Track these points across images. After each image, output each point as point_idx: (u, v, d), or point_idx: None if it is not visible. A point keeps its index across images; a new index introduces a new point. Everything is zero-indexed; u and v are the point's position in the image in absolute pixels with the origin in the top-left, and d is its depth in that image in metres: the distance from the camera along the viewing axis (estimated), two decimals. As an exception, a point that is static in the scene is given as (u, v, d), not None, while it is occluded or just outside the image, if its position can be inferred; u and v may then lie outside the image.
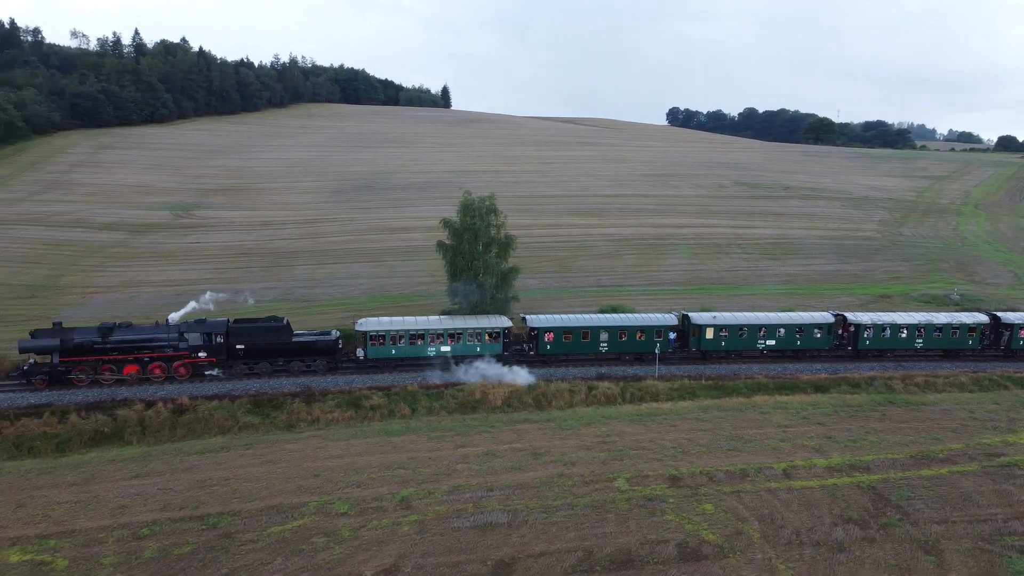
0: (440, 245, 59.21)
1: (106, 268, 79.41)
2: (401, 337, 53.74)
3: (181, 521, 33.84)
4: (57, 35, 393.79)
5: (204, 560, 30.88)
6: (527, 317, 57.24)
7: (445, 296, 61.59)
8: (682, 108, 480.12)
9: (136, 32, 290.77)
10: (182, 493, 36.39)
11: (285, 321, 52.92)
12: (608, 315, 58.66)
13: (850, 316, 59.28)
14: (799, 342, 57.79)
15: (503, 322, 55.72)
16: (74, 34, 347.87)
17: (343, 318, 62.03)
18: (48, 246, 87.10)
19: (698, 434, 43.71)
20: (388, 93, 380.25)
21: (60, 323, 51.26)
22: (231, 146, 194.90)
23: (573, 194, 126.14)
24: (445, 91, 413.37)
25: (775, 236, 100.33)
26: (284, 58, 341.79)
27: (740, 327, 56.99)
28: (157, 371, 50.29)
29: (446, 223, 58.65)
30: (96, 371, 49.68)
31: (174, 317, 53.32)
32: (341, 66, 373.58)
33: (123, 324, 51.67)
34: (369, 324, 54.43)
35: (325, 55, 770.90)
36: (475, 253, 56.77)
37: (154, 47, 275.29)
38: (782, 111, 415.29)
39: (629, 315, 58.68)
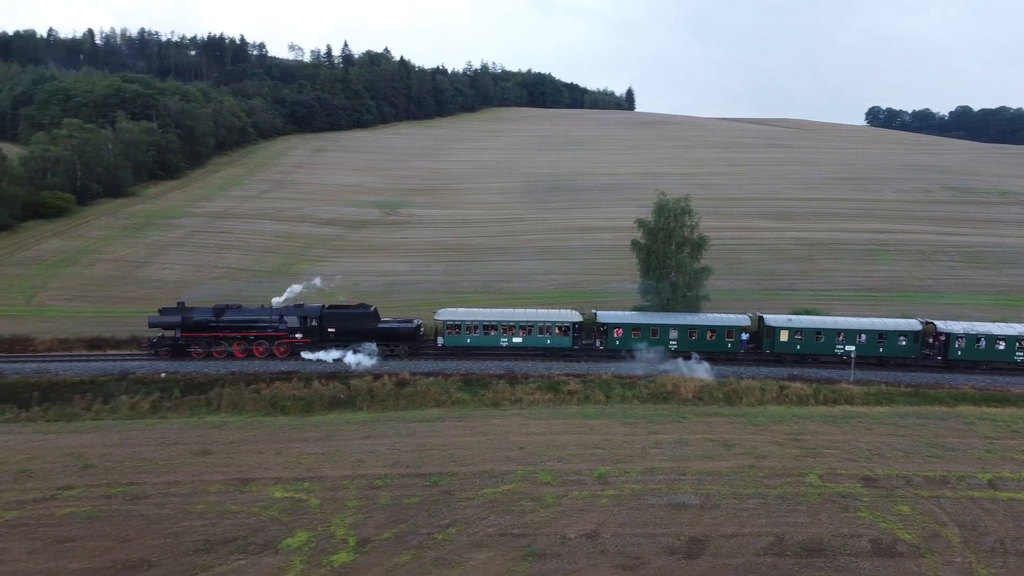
0: (634, 244, 61.74)
1: (328, 258, 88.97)
2: (476, 327, 56.18)
3: (408, 477, 38.87)
4: (277, 49, 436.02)
5: (429, 511, 35.50)
6: (597, 313, 58.37)
7: (635, 293, 64.04)
8: (883, 107, 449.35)
9: (345, 44, 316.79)
10: (407, 454, 41.57)
11: (372, 308, 56.71)
12: (679, 313, 58.40)
13: (940, 324, 56.64)
14: (882, 349, 55.78)
15: (573, 316, 57.23)
16: (291, 47, 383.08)
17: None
18: (279, 238, 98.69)
19: (895, 439, 43.35)
20: (573, 96, 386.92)
21: (183, 303, 58.26)
22: (428, 149, 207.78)
23: (762, 197, 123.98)
24: (629, 93, 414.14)
25: (987, 244, 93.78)
26: (476, 65, 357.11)
27: (817, 331, 55.77)
28: (260, 351, 55.91)
29: (640, 223, 61.09)
30: (210, 346, 55.81)
31: (277, 301, 58.86)
32: (528, 71, 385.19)
33: (234, 306, 57.59)
34: (447, 314, 57.11)
35: (513, 60, 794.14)
36: (668, 252, 58.79)
37: (360, 57, 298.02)
38: (1002, 109, 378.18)
39: (701, 314, 58.44)
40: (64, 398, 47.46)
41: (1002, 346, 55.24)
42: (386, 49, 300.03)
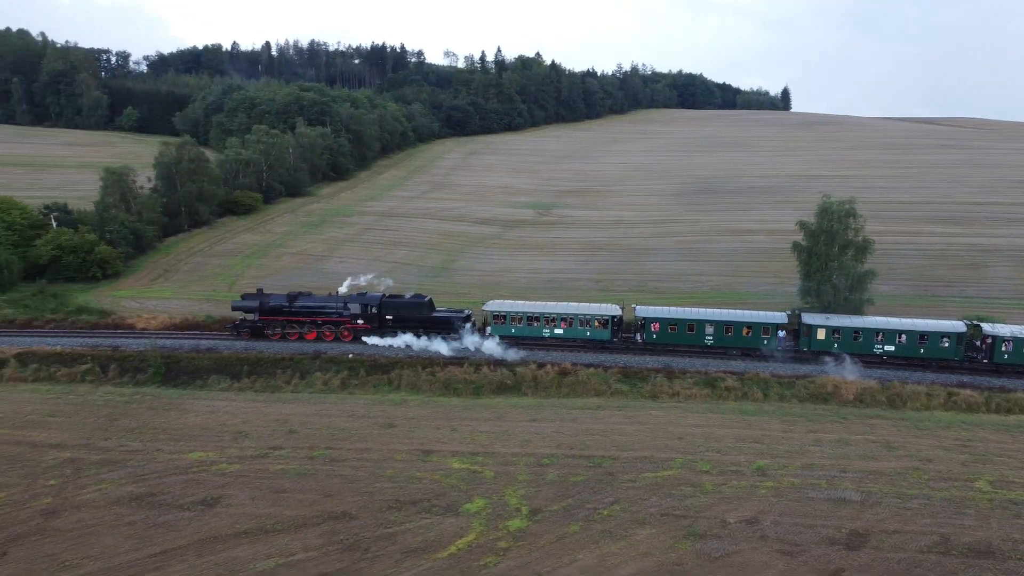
0: (795, 246, 61.67)
1: (487, 256, 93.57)
2: (520, 318, 58.52)
3: (572, 458, 41.73)
4: (434, 55, 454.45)
5: (594, 488, 38.17)
6: (636, 307, 59.71)
7: (795, 296, 63.89)
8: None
9: (498, 50, 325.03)
10: (571, 437, 44.46)
11: (428, 299, 60.24)
12: (715, 310, 59.13)
13: (987, 327, 55.10)
14: (922, 350, 54.64)
15: (613, 310, 58.68)
16: (447, 54, 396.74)
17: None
18: (441, 236, 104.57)
19: (1076, 451, 41.71)
20: (725, 97, 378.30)
21: (262, 289, 63.61)
22: (578, 151, 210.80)
23: (931, 200, 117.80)
24: (785, 93, 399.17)
25: None
26: (626, 67, 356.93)
27: (855, 330, 55.24)
28: (328, 335, 60.35)
29: (802, 225, 60.98)
30: (284, 329, 60.79)
31: (342, 290, 63.93)
32: (679, 72, 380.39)
33: (305, 293, 62.81)
34: (493, 305, 59.69)
35: (663, 61, 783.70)
36: (830, 255, 58.45)
37: (512, 62, 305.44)
38: None
39: (737, 311, 59.02)
40: (268, 372, 53.86)
41: None
42: (537, 53, 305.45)
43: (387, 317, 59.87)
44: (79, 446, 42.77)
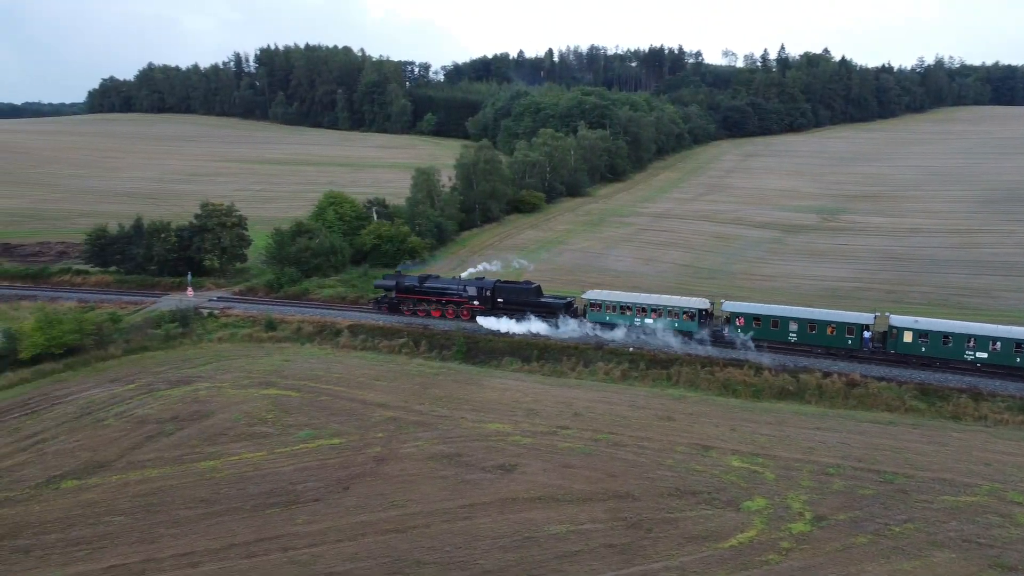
0: None
1: (766, 261, 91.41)
2: (614, 307, 62.31)
3: (860, 471, 40.34)
4: (712, 56, 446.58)
5: (884, 504, 36.74)
6: (724, 302, 61.27)
7: None
8: None
9: (782, 47, 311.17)
10: (858, 449, 42.91)
11: (536, 285, 66.29)
12: (801, 308, 59.93)
13: None
14: (1019, 359, 51.06)
15: (701, 303, 60.70)
16: (725, 53, 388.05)
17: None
18: (717, 239, 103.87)
19: None
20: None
21: (400, 271, 70.76)
22: (867, 153, 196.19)
23: None
24: None
25: None
26: (928, 60, 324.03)
27: (944, 334, 52.96)
28: (450, 313, 67.14)
29: None
30: (415, 306, 68.04)
31: (463, 275, 70.93)
32: (995, 63, 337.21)
33: (432, 276, 70.62)
34: (592, 295, 64.39)
35: (975, 53, 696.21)
36: None
37: (797, 60, 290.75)
38: None
39: (822, 310, 59.07)
40: (555, 358, 58.06)
41: None
42: (825, 49, 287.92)
43: (499, 300, 66.34)
44: (399, 407, 49.55)
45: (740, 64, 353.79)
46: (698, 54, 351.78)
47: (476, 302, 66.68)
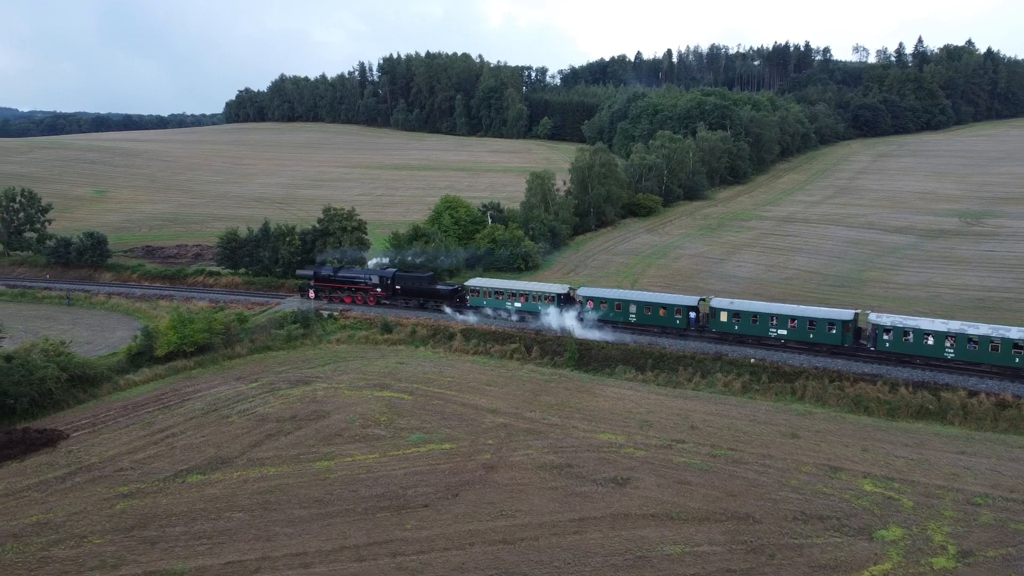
0: None
1: (902, 268, 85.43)
2: (489, 293, 68.75)
3: (1013, 502, 36.46)
4: (841, 52, 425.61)
5: (1044, 541, 32.93)
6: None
7: None
8: None
9: (919, 40, 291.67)
10: (1011, 479, 38.85)
11: (430, 274, 73.15)
12: (639, 292, 68.39)
13: None
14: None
15: (560, 288, 67.78)
16: (856, 49, 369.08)
17: None
18: (848, 244, 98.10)
19: None
20: None
21: (318, 262, 79.00)
22: (1017, 152, 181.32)
23: None
24: None
25: None
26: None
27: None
28: (359, 300, 73.22)
29: None
30: (330, 293, 74.45)
31: (370, 264, 77.75)
32: None
33: (346, 266, 76.21)
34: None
35: None
36: None
37: (936, 53, 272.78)
38: None
39: (657, 293, 67.57)
40: (670, 367, 55.99)
41: None
42: (968, 41, 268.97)
43: (397, 287, 72.32)
44: (510, 414, 48.99)
45: (872, 60, 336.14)
46: (826, 50, 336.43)
47: (379, 289, 73.14)
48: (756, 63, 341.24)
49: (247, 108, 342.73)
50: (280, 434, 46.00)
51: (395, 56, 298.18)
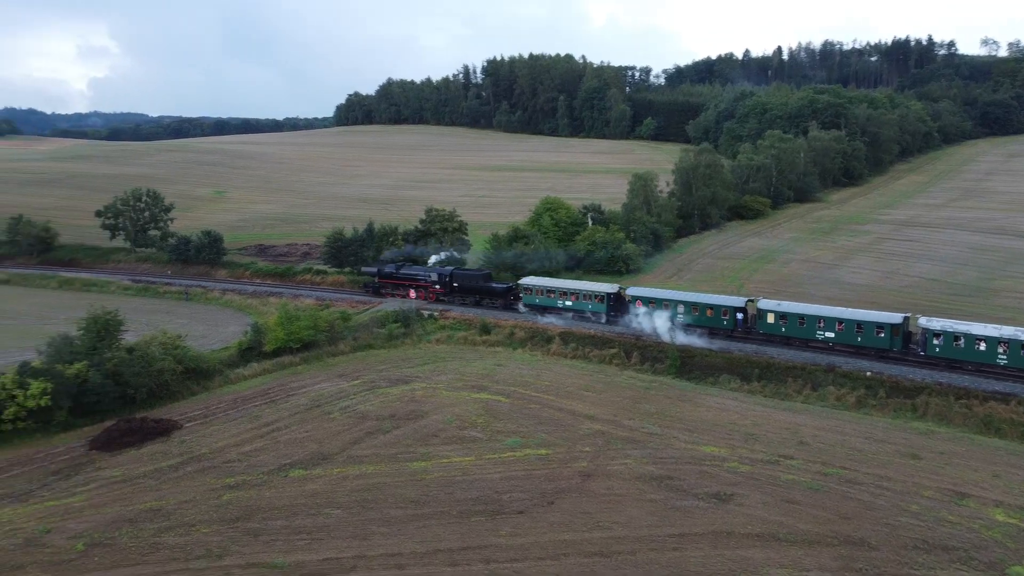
0: None
1: (1036, 276, 79.10)
2: (542, 291, 69.85)
3: None
4: (968, 46, 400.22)
5: None
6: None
7: None
8: None
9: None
10: None
11: (487, 272, 75.86)
12: (688, 292, 67.47)
13: None
14: None
15: (610, 288, 67.92)
16: (985, 42, 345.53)
17: None
18: (975, 251, 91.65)
19: None
20: None
21: (381, 259, 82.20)
22: None
23: None
24: None
25: None
26: None
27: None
28: (421, 295, 76.30)
29: None
30: (393, 290, 77.64)
31: (431, 262, 79.90)
32: None
33: (407, 263, 79.15)
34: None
35: None
36: None
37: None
38: None
39: (704, 294, 66.27)
40: (778, 378, 53.42)
41: None
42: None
43: (455, 284, 74.71)
44: (607, 421, 47.85)
45: (1003, 53, 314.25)
46: (951, 44, 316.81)
47: (438, 286, 75.58)
48: (873, 59, 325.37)
49: (356, 111, 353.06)
50: (379, 432, 46.50)
51: (498, 58, 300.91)
